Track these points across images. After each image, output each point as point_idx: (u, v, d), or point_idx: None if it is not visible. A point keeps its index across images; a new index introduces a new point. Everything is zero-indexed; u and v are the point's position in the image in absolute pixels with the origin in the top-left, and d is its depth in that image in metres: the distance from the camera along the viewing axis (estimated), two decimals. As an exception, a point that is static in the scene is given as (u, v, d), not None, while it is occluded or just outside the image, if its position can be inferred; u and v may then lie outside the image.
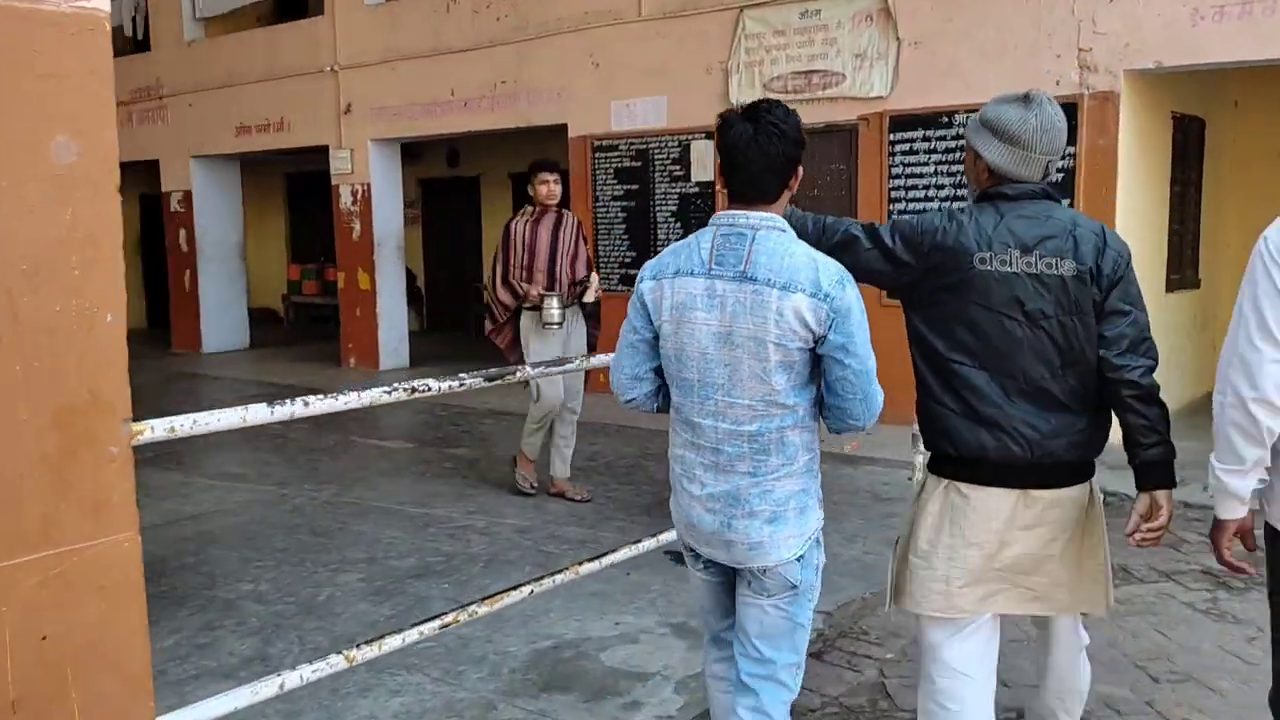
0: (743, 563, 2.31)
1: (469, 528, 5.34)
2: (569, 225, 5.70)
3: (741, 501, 2.26)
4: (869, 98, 7.46)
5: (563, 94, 9.10)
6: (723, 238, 2.24)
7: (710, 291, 2.22)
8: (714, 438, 2.28)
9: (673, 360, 2.31)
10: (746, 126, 2.21)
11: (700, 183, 8.37)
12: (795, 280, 2.16)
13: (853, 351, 2.19)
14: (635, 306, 2.37)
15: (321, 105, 10.96)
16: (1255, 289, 2.12)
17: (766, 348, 2.18)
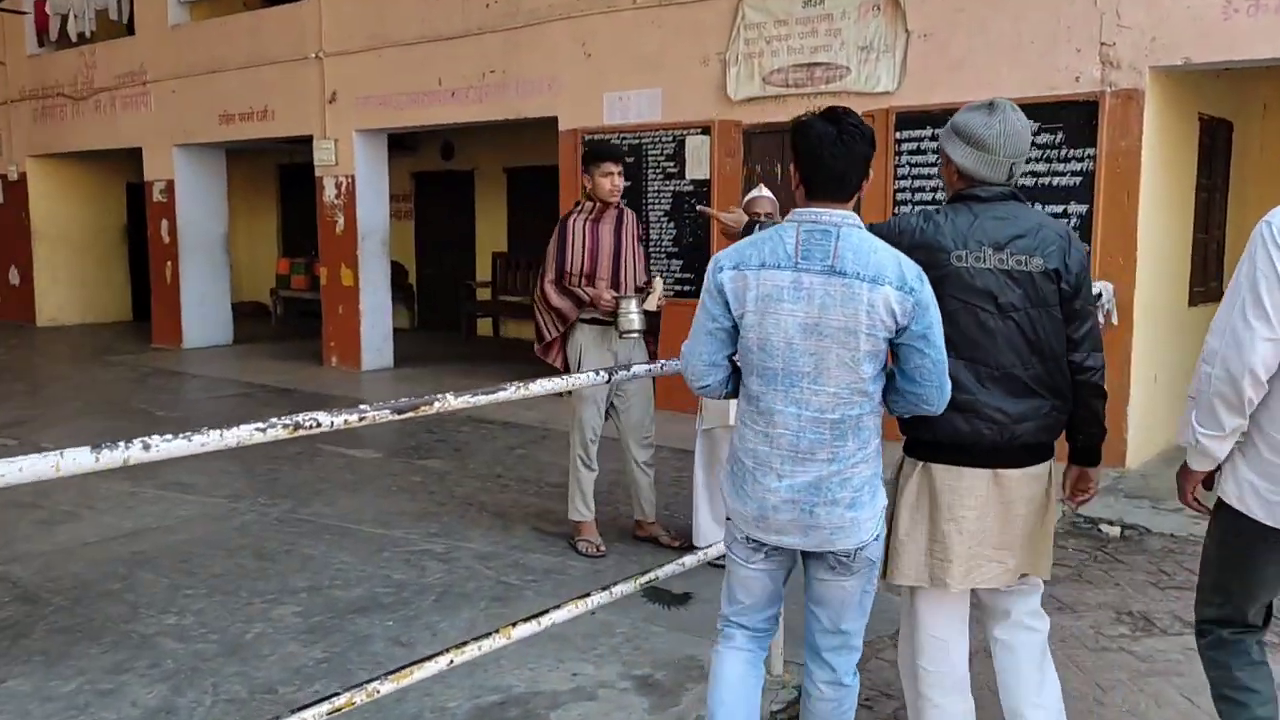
0: (824, 546, 2.43)
1: (427, 553, 4.90)
2: (630, 225, 4.98)
3: (823, 490, 2.38)
4: (875, 93, 6.99)
5: (553, 85, 8.66)
6: (806, 233, 2.35)
7: (797, 284, 2.33)
8: (795, 425, 2.37)
9: (755, 350, 2.39)
10: (829, 127, 2.36)
11: (695, 180, 7.91)
12: (883, 274, 2.30)
13: (932, 341, 2.36)
14: (712, 295, 2.45)
15: (306, 93, 10.53)
16: (1254, 269, 2.27)
17: (858, 337, 2.31)
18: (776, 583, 2.61)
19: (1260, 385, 2.29)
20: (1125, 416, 6.20)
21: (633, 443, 5.01)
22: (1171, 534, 5.17)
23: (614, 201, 4.86)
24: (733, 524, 2.58)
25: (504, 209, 13.27)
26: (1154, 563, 4.84)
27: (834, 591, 2.52)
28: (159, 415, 8.34)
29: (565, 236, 4.86)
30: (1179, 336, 6.88)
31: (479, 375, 9.99)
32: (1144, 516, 5.40)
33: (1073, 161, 6.25)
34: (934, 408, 2.44)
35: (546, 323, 4.94)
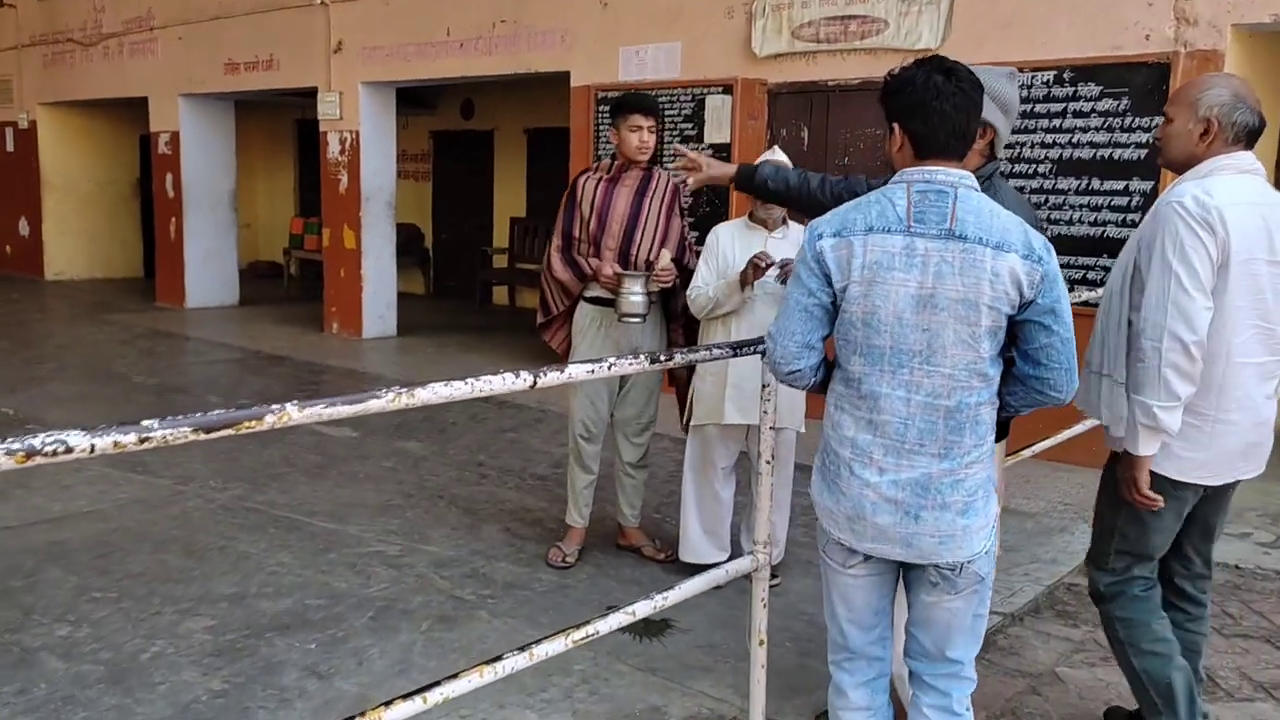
0: (928, 558, 2.18)
1: (377, 556, 4.32)
2: (659, 190, 4.20)
3: (931, 490, 2.13)
4: (915, 50, 6.25)
5: (566, 37, 7.98)
6: (919, 194, 2.12)
7: (910, 250, 2.10)
8: (903, 412, 2.13)
9: (858, 325, 2.15)
10: (938, 76, 2.13)
11: (715, 145, 7.22)
12: (1008, 240, 2.08)
13: (1060, 316, 2.13)
14: (808, 267, 2.20)
15: (311, 42, 9.93)
16: (1181, 245, 2.42)
17: (979, 310, 2.08)
18: (882, 597, 2.34)
19: (1203, 350, 2.43)
20: (1185, 423, 5.47)
21: (621, 439, 4.39)
22: (1236, 564, 4.47)
23: (640, 160, 4.16)
24: (822, 526, 2.32)
25: (523, 172, 12.64)
26: (1217, 601, 4.11)
27: (938, 613, 2.25)
28: (136, 381, 7.85)
29: (575, 197, 4.22)
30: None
31: (485, 349, 9.42)
32: (1204, 542, 4.69)
33: (1138, 132, 5.49)
34: (1062, 396, 2.18)
35: (551, 296, 4.33)
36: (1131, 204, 5.52)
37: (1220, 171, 2.52)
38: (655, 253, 4.16)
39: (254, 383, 7.84)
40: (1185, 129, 2.57)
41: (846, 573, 2.31)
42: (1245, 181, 2.52)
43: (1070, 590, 4.22)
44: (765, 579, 2.87)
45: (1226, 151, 2.53)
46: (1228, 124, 2.52)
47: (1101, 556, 2.78)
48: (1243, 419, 2.57)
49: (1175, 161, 2.64)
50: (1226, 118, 2.52)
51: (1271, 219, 2.52)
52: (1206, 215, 2.41)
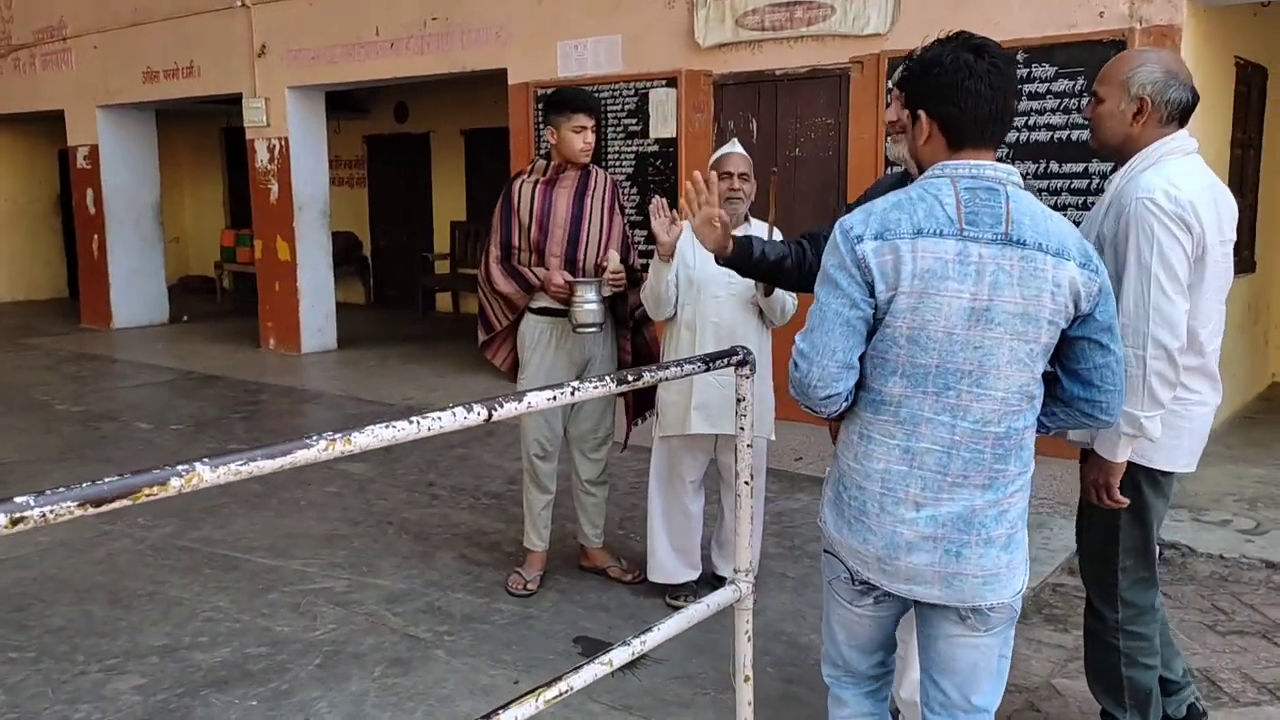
0: (970, 600, 1.94)
1: (323, 594, 4.01)
2: (600, 190, 3.97)
3: (975, 525, 1.92)
4: (864, 35, 6.07)
5: (501, 33, 7.68)
6: (968, 192, 1.88)
7: (963, 257, 1.84)
8: (947, 440, 1.90)
9: (903, 342, 1.89)
10: (967, 54, 1.88)
11: (660, 139, 6.98)
12: (1065, 246, 1.88)
13: (1116, 334, 1.96)
14: (850, 273, 1.90)
15: (233, 47, 9.50)
16: (1159, 247, 2.30)
17: (1040, 326, 1.87)
18: (887, 629, 2.15)
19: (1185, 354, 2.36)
20: (1155, 409, 5.34)
21: (578, 455, 4.13)
22: (1220, 555, 4.34)
23: (583, 162, 3.91)
24: (834, 558, 2.09)
25: (462, 175, 12.30)
26: (1205, 595, 4.00)
27: (966, 653, 2.02)
28: (59, 409, 7.40)
29: (510, 202, 3.93)
30: (1211, 314, 6.03)
31: (429, 359, 9.09)
32: (1185, 532, 4.56)
33: (1095, 112, 5.34)
34: (1114, 420, 2.01)
35: (493, 311, 4.04)
36: (1091, 186, 5.38)
37: (1170, 157, 2.41)
38: (602, 256, 3.91)
39: (185, 406, 7.44)
40: (1117, 109, 2.45)
41: (854, 609, 2.12)
42: (1194, 164, 2.44)
43: (1056, 592, 4.04)
44: (749, 610, 2.63)
45: (1161, 131, 2.42)
46: (1161, 102, 2.40)
47: (1108, 580, 2.63)
48: (1212, 399, 2.56)
49: (1108, 144, 2.51)
50: (1160, 95, 2.40)
51: (1220, 200, 2.45)
52: (1181, 212, 2.31)
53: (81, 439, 6.50)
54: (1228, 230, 2.47)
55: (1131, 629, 2.62)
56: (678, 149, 6.90)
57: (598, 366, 4.01)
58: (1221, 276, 2.47)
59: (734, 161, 3.67)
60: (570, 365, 3.97)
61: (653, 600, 3.92)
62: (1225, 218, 2.46)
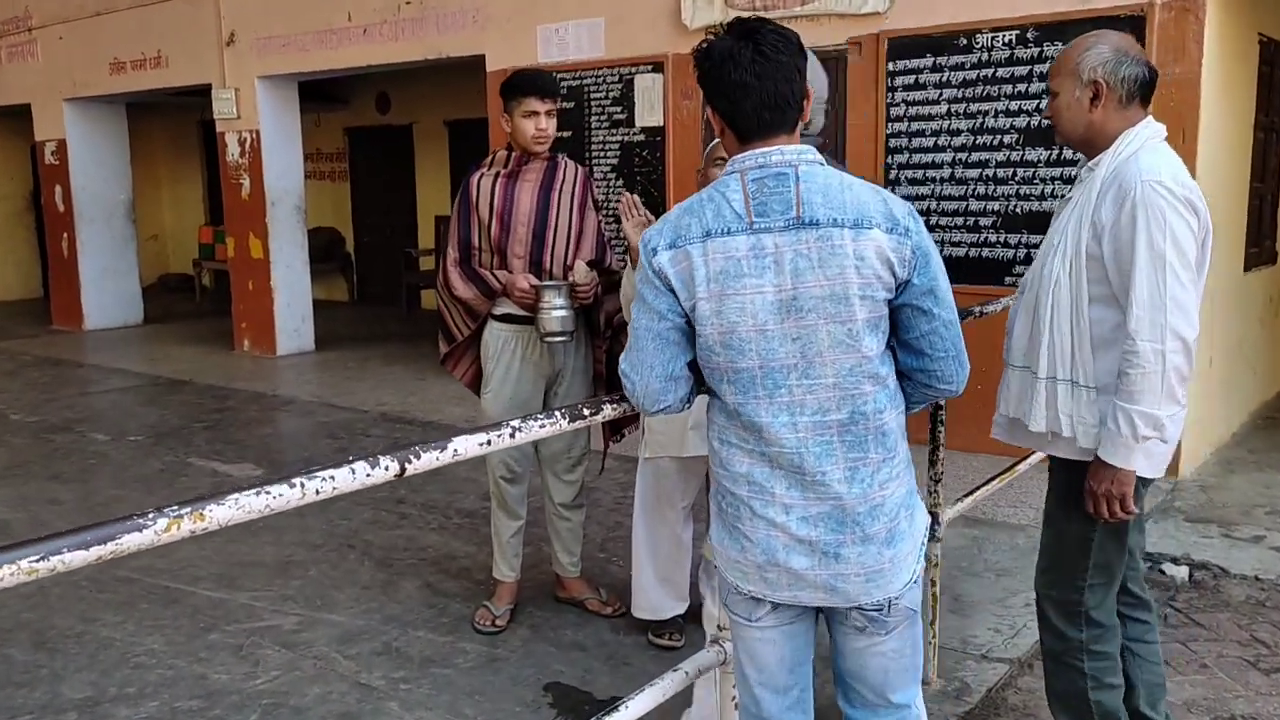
0: (855, 600, 1.86)
1: (269, 632, 3.63)
2: (568, 181, 3.59)
3: (848, 523, 1.82)
4: (861, 14, 5.67)
5: (478, 17, 7.28)
6: (755, 183, 1.80)
7: (758, 250, 1.77)
8: (792, 440, 1.81)
9: (718, 348, 1.82)
10: (743, 44, 1.79)
11: (646, 128, 6.58)
12: (866, 215, 1.77)
13: (940, 297, 1.83)
14: (652, 285, 1.85)
15: (201, 35, 9.09)
16: (1172, 232, 2.18)
17: (850, 304, 1.77)
18: (796, 649, 2.00)
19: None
20: (1178, 414, 4.96)
21: (551, 477, 3.75)
22: (1256, 576, 3.97)
23: (539, 151, 3.52)
24: (723, 574, 1.98)
25: (447, 167, 11.89)
26: (1244, 625, 3.63)
27: (871, 660, 1.96)
28: (14, 419, 7.01)
29: (468, 198, 3.55)
30: (1230, 304, 5.66)
31: (410, 359, 8.70)
32: (1217, 551, 4.18)
33: (1112, 94, 4.95)
34: (954, 387, 1.91)
35: (453, 320, 3.67)
36: (1108, 174, 4.99)
37: (1154, 141, 2.31)
38: (572, 256, 3.53)
39: (147, 415, 7.05)
40: (1073, 98, 2.35)
41: (753, 626, 1.97)
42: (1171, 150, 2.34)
43: (1079, 622, 3.66)
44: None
45: (1125, 113, 2.33)
46: (1116, 82, 2.30)
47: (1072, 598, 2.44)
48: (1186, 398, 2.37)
49: (1072, 136, 2.41)
50: (1113, 75, 2.30)
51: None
52: (1189, 194, 2.22)
53: (31, 452, 6.11)
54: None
55: (1096, 649, 2.46)
56: (665, 138, 6.51)
57: (569, 379, 3.64)
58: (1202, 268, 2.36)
59: None
60: (538, 378, 3.60)
61: (635, 637, 3.55)
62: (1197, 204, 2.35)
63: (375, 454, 1.51)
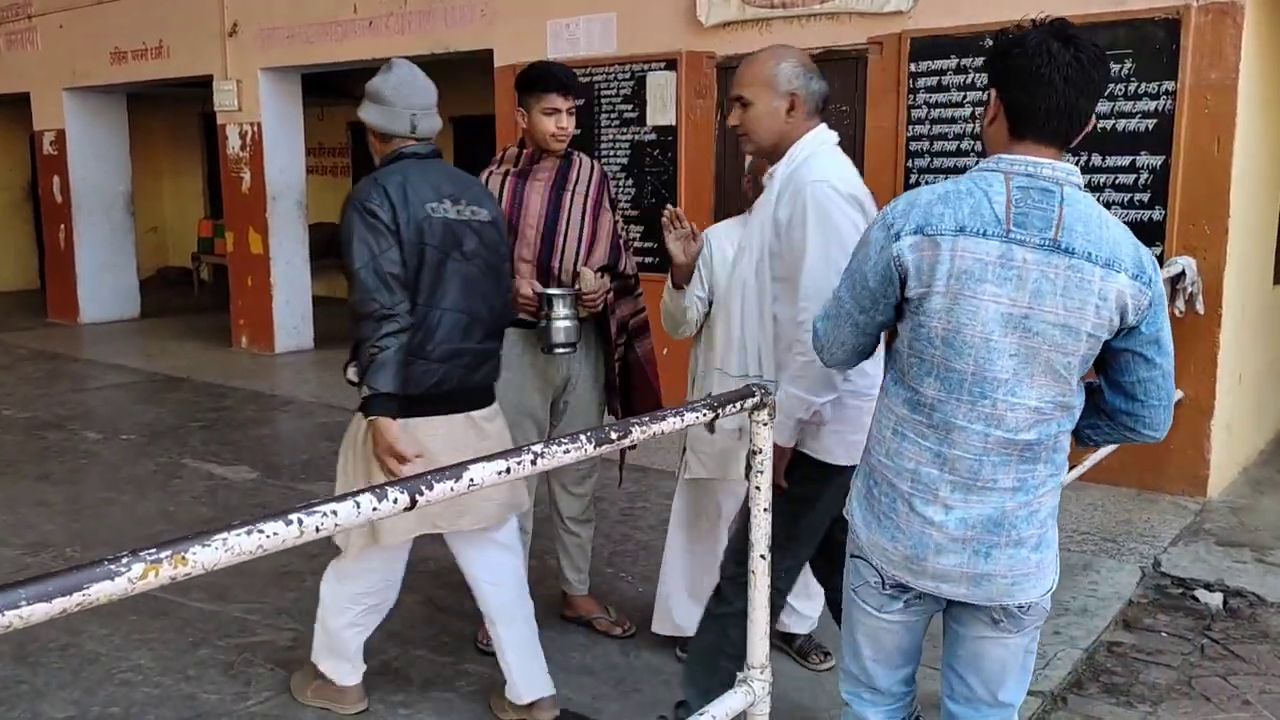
0: (999, 599, 1.90)
1: (263, 647, 3.45)
2: (584, 183, 3.40)
3: (1005, 526, 1.85)
4: (884, 14, 5.50)
5: (486, 11, 7.11)
6: (1020, 190, 1.77)
7: (1006, 260, 1.75)
8: (979, 448, 1.82)
9: (938, 343, 1.81)
10: (1063, 45, 1.76)
11: (658, 127, 6.41)
12: (1118, 257, 1.77)
13: (1164, 348, 1.85)
14: (877, 269, 1.84)
15: (203, 25, 8.92)
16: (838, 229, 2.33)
17: (1079, 338, 1.77)
18: (916, 636, 2.06)
19: None
20: (1209, 432, 4.80)
21: (558, 489, 3.58)
22: None
23: (557, 150, 3.34)
24: (863, 562, 2.00)
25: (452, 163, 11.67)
26: (1267, 658, 3.45)
27: (994, 651, 1.99)
28: (5, 415, 6.83)
29: None
30: (1263, 318, 5.49)
31: (410, 359, 8.51)
32: (1252, 577, 4.01)
33: (1144, 99, 4.79)
34: (1158, 435, 1.93)
35: None
36: (1139, 181, 4.83)
37: (825, 147, 2.48)
38: (583, 261, 3.36)
39: (142, 413, 6.87)
40: (770, 108, 2.48)
41: (882, 617, 2.01)
42: (845, 158, 2.51)
43: (1112, 652, 3.50)
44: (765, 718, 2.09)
45: (809, 123, 2.49)
46: (808, 95, 2.48)
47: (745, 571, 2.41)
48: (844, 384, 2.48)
49: (764, 144, 2.54)
50: (806, 88, 2.48)
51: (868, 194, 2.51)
52: (855, 193, 2.39)
53: (22, 450, 5.93)
54: None
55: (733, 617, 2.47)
56: (677, 138, 6.33)
57: (579, 388, 3.46)
58: None
59: None
60: (545, 386, 3.42)
61: (646, 659, 3.38)
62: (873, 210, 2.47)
63: (383, 485, 1.34)
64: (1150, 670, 3.36)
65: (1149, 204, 4.79)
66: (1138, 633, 3.65)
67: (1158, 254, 4.76)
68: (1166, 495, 4.86)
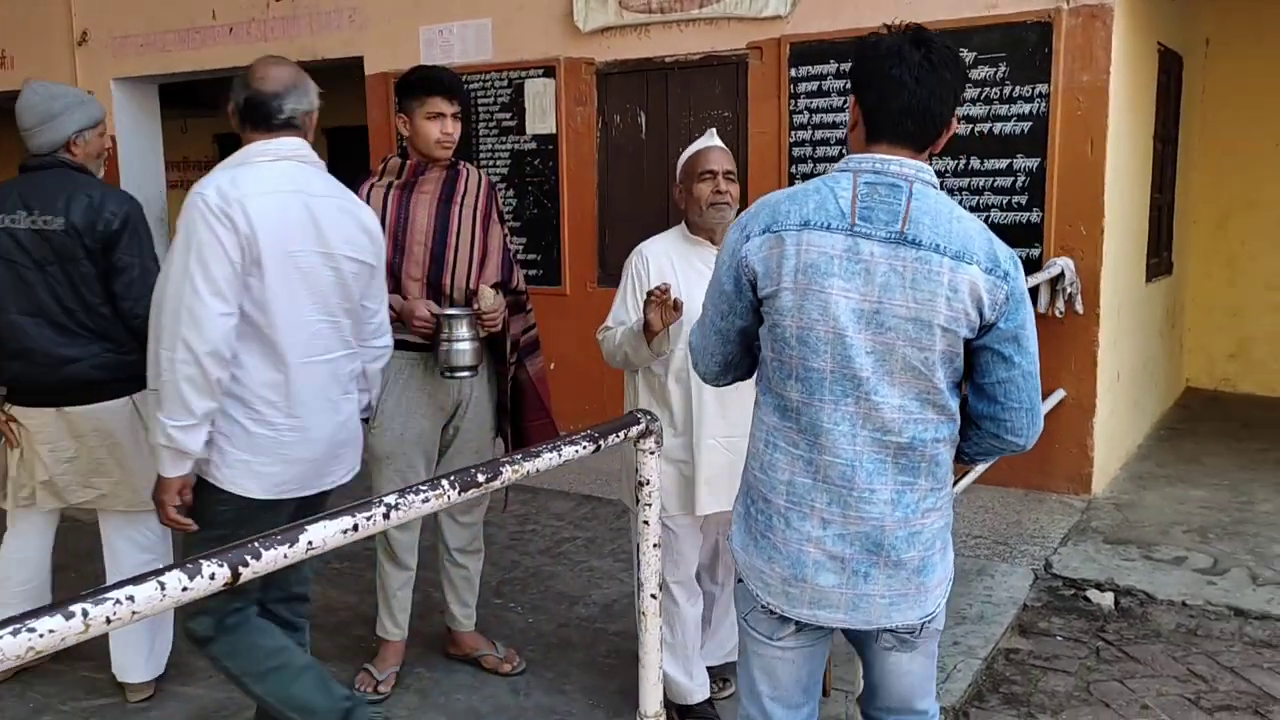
0: (875, 623, 1.86)
1: (110, 710, 3.14)
2: (470, 193, 3.21)
3: (885, 547, 1.80)
4: (761, 18, 5.44)
5: (355, 17, 6.81)
6: (867, 186, 1.77)
7: (853, 254, 1.74)
8: (849, 451, 1.78)
9: (793, 343, 1.78)
10: (914, 47, 1.77)
11: (538, 136, 6.23)
12: (969, 249, 1.75)
13: (1024, 346, 1.80)
14: (731, 273, 1.85)
15: (51, 34, 8.35)
16: (199, 243, 2.25)
17: (932, 332, 1.74)
18: (815, 668, 1.99)
19: (222, 361, 2.27)
20: (1091, 430, 4.85)
21: (444, 518, 3.36)
22: (1183, 602, 3.82)
23: (442, 157, 3.13)
24: (745, 586, 1.93)
25: (326, 177, 11.29)
26: (1179, 658, 3.46)
27: (896, 678, 1.99)
28: None
29: None
30: (1139, 322, 5.61)
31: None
32: (1141, 575, 4.03)
33: (1019, 102, 4.82)
34: (1023, 442, 1.86)
35: None
36: (1016, 184, 4.85)
37: (256, 159, 2.42)
38: (475, 278, 3.15)
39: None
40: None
41: (775, 645, 1.92)
42: (284, 169, 2.43)
43: (1010, 660, 3.45)
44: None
45: (253, 135, 2.45)
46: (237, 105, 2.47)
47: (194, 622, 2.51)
48: (314, 422, 2.45)
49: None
50: (236, 99, 2.48)
51: (318, 208, 2.44)
52: (227, 208, 2.28)
53: None
54: (307, 243, 2.39)
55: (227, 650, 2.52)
56: (558, 146, 6.15)
57: (471, 412, 3.25)
58: (312, 288, 2.41)
59: (717, 158, 2.82)
60: (436, 411, 3.21)
61: (537, 699, 3.18)
62: (301, 228, 2.38)
63: (198, 557, 1.12)
64: (1049, 678, 3.32)
65: (1026, 206, 4.82)
66: (1034, 638, 3.62)
67: (1036, 256, 4.80)
68: (1053, 494, 4.89)
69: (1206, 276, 7.06)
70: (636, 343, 2.70)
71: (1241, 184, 6.86)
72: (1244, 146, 6.77)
